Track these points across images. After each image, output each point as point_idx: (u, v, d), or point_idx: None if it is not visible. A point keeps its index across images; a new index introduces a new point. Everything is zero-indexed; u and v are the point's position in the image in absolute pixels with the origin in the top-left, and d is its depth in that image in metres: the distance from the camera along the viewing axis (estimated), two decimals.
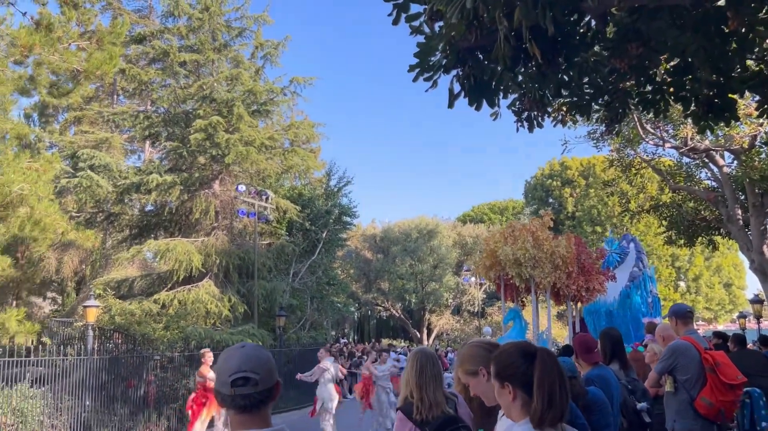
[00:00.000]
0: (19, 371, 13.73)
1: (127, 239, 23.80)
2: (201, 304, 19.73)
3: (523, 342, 2.67)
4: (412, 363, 3.80)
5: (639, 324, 19.26)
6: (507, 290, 16.58)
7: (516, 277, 15.17)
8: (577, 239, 16.31)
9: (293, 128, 24.48)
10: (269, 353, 2.24)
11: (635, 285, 19.81)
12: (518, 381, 2.52)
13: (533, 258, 14.81)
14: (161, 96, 22.60)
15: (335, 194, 29.67)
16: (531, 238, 15.10)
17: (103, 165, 22.13)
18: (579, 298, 16.41)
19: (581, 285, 15.73)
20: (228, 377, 2.08)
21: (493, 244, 15.57)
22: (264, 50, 23.61)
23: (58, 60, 13.69)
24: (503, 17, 3.42)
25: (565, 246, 15.15)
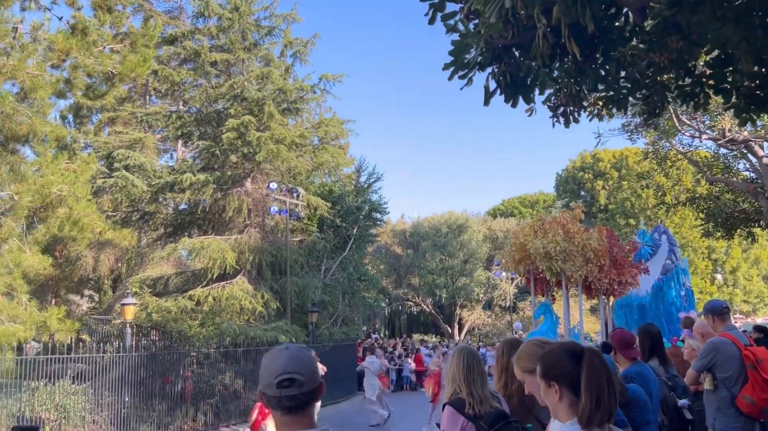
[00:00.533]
0: (60, 367, 14.09)
1: (161, 237, 24.18)
2: (235, 301, 19.95)
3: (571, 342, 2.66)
4: (458, 360, 3.81)
5: (672, 317, 18.89)
6: (537, 284, 16.39)
7: (546, 271, 14.97)
8: (609, 232, 16.05)
9: (323, 125, 24.58)
10: (312, 354, 2.26)
11: (668, 278, 19.40)
12: (565, 380, 2.51)
13: (564, 251, 14.58)
14: (193, 96, 22.86)
15: (365, 190, 29.73)
16: (562, 231, 14.86)
17: (138, 165, 22.47)
18: (611, 292, 16.12)
19: (613, 278, 15.44)
20: (274, 379, 2.10)
21: (523, 238, 15.37)
22: (293, 48, 23.73)
23: (94, 63, 13.90)
24: (541, 15, 3.40)
25: (597, 239, 14.87)
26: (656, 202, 23.94)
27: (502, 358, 4.08)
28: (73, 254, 24.75)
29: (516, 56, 4.48)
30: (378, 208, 30.42)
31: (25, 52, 12.71)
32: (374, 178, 30.34)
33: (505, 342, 4.24)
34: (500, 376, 4.04)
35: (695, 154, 19.12)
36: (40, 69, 12.81)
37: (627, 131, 17.33)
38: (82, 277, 27.46)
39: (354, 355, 24.41)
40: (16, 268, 12.69)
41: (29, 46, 12.98)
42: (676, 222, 39.18)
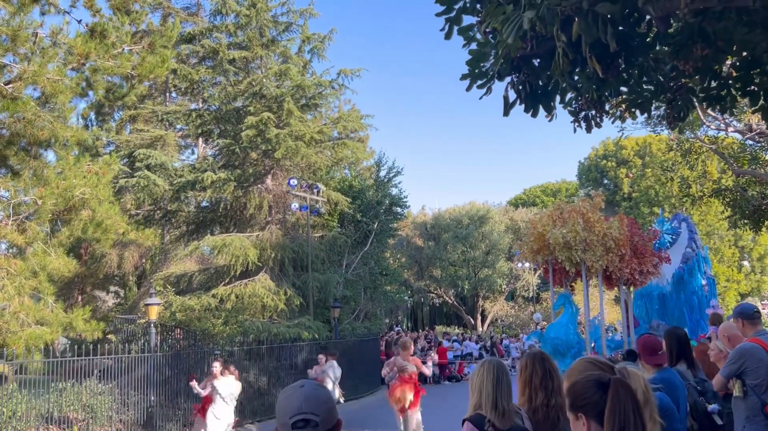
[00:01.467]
0: (86, 365, 14.29)
1: (184, 235, 24.39)
2: (257, 298, 20.08)
3: (598, 373, 2.60)
4: (487, 371, 3.76)
5: (694, 307, 18.50)
6: (555, 275, 15.92)
7: (566, 261, 14.47)
8: (629, 220, 15.59)
9: (342, 120, 24.57)
10: (329, 392, 2.23)
11: (689, 266, 18.96)
12: (591, 411, 2.48)
13: (584, 241, 14.18)
14: (212, 94, 22.95)
15: (385, 185, 29.67)
16: (582, 220, 14.43)
17: (159, 164, 22.64)
18: (632, 282, 15.72)
19: (634, 268, 15.05)
20: (288, 419, 2.07)
21: (542, 227, 14.88)
22: (311, 44, 23.68)
23: (113, 65, 13.99)
24: (561, 32, 3.33)
25: (618, 228, 14.43)
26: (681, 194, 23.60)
27: (526, 371, 4.03)
28: (98, 252, 25.09)
29: (535, 66, 4.41)
30: (398, 201, 30.38)
31: (45, 57, 12.80)
32: (394, 171, 30.26)
33: (529, 355, 4.19)
34: (524, 390, 4.00)
35: (721, 145, 18.77)
36: (60, 73, 12.91)
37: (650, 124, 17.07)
38: (107, 274, 27.86)
39: (377, 350, 24.47)
40: (42, 271, 12.88)
41: (49, 50, 13.08)
42: (701, 211, 38.63)
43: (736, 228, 20.22)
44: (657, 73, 4.85)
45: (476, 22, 3.96)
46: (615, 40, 3.23)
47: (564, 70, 3.59)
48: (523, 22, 3.17)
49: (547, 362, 4.05)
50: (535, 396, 3.93)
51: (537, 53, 4.02)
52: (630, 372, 3.41)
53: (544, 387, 3.95)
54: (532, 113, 4.52)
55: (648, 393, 3.66)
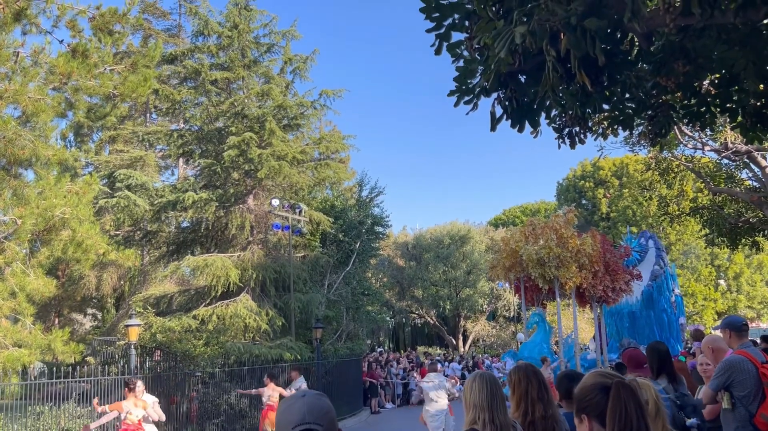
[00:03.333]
0: (64, 389, 14.04)
1: (164, 256, 24.15)
2: (239, 319, 19.89)
3: (603, 373, 2.61)
4: (480, 385, 3.73)
5: (663, 324, 18.41)
6: (528, 293, 15.63)
7: (539, 278, 14.21)
8: (602, 236, 15.42)
9: (324, 141, 24.65)
10: (329, 402, 2.22)
11: (658, 284, 18.92)
12: (593, 412, 2.49)
13: (558, 257, 13.87)
14: (194, 114, 22.91)
15: (367, 205, 29.70)
16: (555, 236, 14.19)
17: (140, 184, 22.52)
18: (605, 299, 15.46)
19: (608, 285, 14.82)
20: (291, 429, 2.06)
21: (514, 243, 14.65)
22: (293, 65, 23.80)
23: (95, 85, 13.95)
24: (550, 46, 3.40)
25: (591, 244, 14.25)
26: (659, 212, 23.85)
27: (521, 385, 4.02)
28: (76, 274, 24.75)
29: (522, 82, 4.48)
30: (380, 221, 30.40)
31: (26, 76, 12.74)
32: (376, 192, 30.33)
33: (522, 369, 4.18)
34: (519, 404, 3.98)
35: (698, 163, 19.06)
36: (41, 92, 12.84)
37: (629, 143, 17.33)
38: (84, 296, 27.49)
39: (359, 370, 24.31)
40: (21, 292, 12.67)
41: (30, 70, 13.02)
42: (678, 230, 39.13)
43: (714, 246, 20.48)
44: (639, 90, 4.95)
45: (465, 39, 4.03)
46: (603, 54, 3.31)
47: (554, 85, 3.66)
48: (516, 36, 3.24)
49: (540, 374, 4.06)
50: (532, 410, 3.92)
51: (524, 69, 4.09)
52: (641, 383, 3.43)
53: (540, 398, 3.94)
54: (519, 128, 4.58)
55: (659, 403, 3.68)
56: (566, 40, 3.30)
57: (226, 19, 22.87)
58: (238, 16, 22.60)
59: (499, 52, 3.34)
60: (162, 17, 32.09)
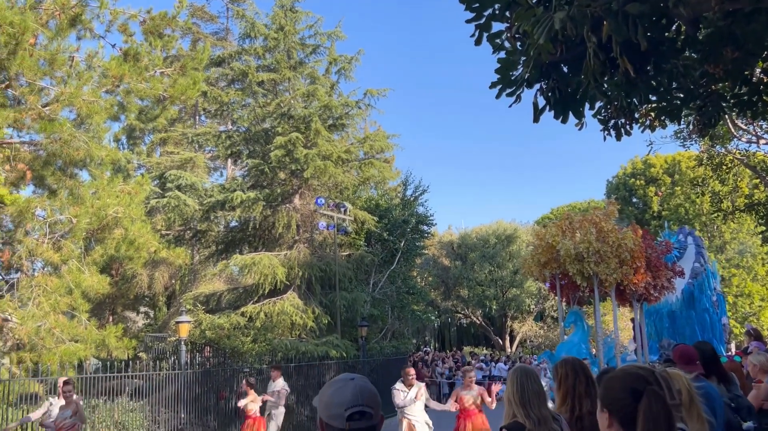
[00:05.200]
0: (117, 384, 14.44)
1: (213, 254, 24.65)
2: (286, 316, 20.16)
3: (636, 374, 2.56)
4: (512, 380, 3.77)
5: (705, 325, 17.49)
6: (564, 290, 14.90)
7: (577, 275, 13.45)
8: (644, 231, 14.69)
9: (368, 140, 24.76)
10: None
11: (699, 282, 18.11)
12: (617, 413, 2.45)
13: (597, 252, 13.15)
14: (241, 115, 23.32)
15: (412, 203, 29.70)
16: (594, 230, 13.45)
17: (189, 184, 23.02)
18: (646, 297, 14.62)
19: (649, 282, 14.01)
20: (344, 410, 2.06)
21: (551, 238, 13.88)
22: (338, 65, 24.00)
23: (146, 88, 14.32)
24: (591, 33, 3.37)
25: (632, 239, 13.47)
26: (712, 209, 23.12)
27: (568, 380, 3.99)
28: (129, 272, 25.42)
29: (564, 72, 4.44)
30: (425, 220, 30.35)
31: (81, 79, 13.16)
32: (420, 190, 30.31)
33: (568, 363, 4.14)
34: (565, 399, 3.96)
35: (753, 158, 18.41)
36: (95, 95, 13.24)
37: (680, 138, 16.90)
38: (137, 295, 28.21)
39: None
40: (77, 288, 13.08)
41: (85, 73, 13.44)
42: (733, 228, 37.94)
43: None
44: (686, 79, 4.84)
45: (505, 29, 4.02)
46: (646, 40, 3.26)
47: (595, 71, 3.62)
48: (555, 22, 3.22)
49: (587, 369, 4.02)
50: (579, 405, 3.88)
51: (566, 59, 4.06)
52: (671, 374, 3.36)
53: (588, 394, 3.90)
54: (562, 119, 4.54)
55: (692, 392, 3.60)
56: (608, 26, 3.27)
57: (272, 22, 23.21)
58: (283, 18, 22.91)
59: (538, 39, 3.32)
60: (210, 21, 32.73)
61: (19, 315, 12.05)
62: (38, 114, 12.44)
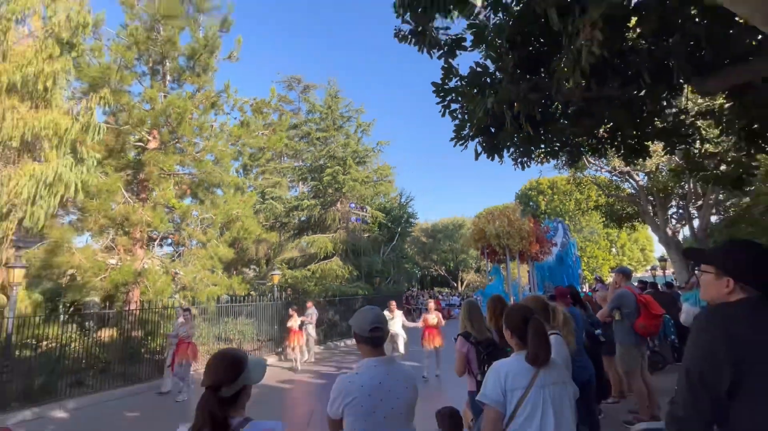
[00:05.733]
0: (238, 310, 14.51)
1: (292, 236, 24.55)
2: (333, 271, 20.15)
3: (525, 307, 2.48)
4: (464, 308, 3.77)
5: (570, 274, 17.39)
6: (489, 255, 15.11)
7: (497, 246, 13.85)
8: (534, 221, 15.01)
9: (379, 170, 24.67)
10: None
11: (566, 250, 18.06)
12: (516, 332, 2.38)
13: (508, 233, 13.55)
14: (307, 157, 23.30)
15: (404, 206, 29.58)
16: (507, 219, 13.91)
17: (278, 196, 23.02)
18: (536, 258, 15.02)
19: (537, 250, 14.40)
20: (368, 325, 2.12)
21: (481, 224, 14.26)
22: (361, 127, 23.94)
23: (253, 142, 14.36)
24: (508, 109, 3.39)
25: (528, 225, 13.94)
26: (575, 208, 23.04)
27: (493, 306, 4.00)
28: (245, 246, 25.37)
29: (492, 132, 4.45)
30: (412, 216, 30.14)
31: (217, 138, 13.21)
32: (409, 198, 30.10)
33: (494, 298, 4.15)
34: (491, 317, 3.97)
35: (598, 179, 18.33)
36: (225, 146, 13.29)
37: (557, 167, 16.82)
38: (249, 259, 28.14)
39: (401, 300, 24.27)
40: (215, 256, 13.13)
41: (219, 134, 13.49)
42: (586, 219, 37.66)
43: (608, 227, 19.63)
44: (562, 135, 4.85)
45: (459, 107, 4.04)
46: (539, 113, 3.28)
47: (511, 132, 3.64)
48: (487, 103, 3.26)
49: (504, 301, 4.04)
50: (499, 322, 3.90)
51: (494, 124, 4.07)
52: (554, 307, 3.38)
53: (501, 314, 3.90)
54: (491, 158, 4.55)
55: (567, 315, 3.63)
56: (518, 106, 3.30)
57: (324, 103, 23.16)
58: (331, 101, 22.88)
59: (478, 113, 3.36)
60: (289, 103, 32.55)
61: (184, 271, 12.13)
62: (193, 158, 12.49)
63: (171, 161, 12.00)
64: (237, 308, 14.11)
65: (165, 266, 11.98)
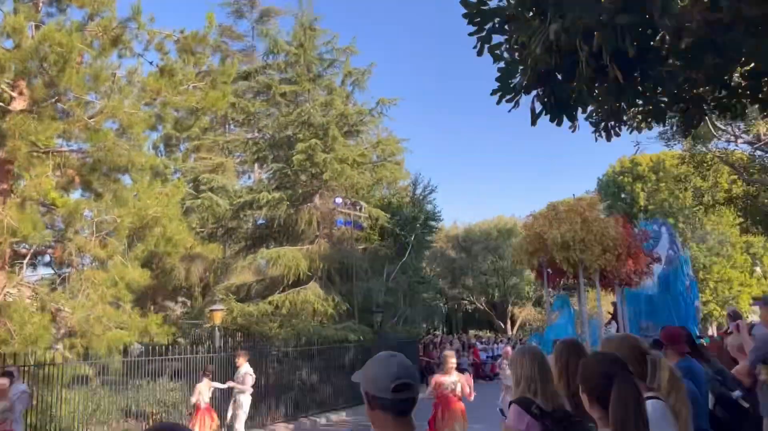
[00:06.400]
0: (158, 366, 14.53)
1: (243, 249, 24.73)
2: (309, 304, 20.22)
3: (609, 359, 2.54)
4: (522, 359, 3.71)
5: (680, 308, 17.22)
6: (551, 278, 14.33)
7: (563, 262, 12.94)
8: (624, 220, 14.21)
9: (381, 145, 24.74)
10: None
11: (674, 269, 17.55)
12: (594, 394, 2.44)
13: (582, 240, 12.69)
14: (266, 124, 23.38)
15: (421, 202, 29.62)
16: (579, 219, 13.00)
17: (220, 186, 23.10)
18: (627, 282, 14.17)
19: (630, 268, 13.58)
20: (390, 382, 2.07)
21: (538, 227, 13.40)
22: (352, 77, 24.00)
23: (180, 100, 14.34)
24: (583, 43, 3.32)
25: (614, 228, 13.07)
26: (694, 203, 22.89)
27: (561, 359, 3.93)
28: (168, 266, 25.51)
29: (558, 79, 4.39)
30: (433, 216, 30.25)
31: (122, 93, 13.21)
32: (429, 190, 30.21)
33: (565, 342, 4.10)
34: (560, 376, 3.91)
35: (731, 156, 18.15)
36: (135, 107, 13.28)
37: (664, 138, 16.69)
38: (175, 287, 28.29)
39: (416, 351, 24.32)
40: (121, 281, 13.14)
41: (125, 88, 13.48)
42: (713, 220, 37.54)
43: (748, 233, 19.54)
44: (670, 84, 4.77)
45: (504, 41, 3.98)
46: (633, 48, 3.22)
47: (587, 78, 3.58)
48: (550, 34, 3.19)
49: (582, 349, 3.96)
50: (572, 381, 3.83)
51: (560, 67, 4.01)
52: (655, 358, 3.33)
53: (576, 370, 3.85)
54: (557, 122, 4.49)
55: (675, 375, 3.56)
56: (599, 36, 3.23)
57: (293, 39, 23.23)
58: (303, 36, 22.93)
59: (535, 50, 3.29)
60: (237, 39, 32.71)
61: (71, 306, 12.14)
62: (85, 125, 12.49)
63: (49, 131, 12.00)
64: (156, 364, 14.10)
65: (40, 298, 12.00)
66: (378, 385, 2.11)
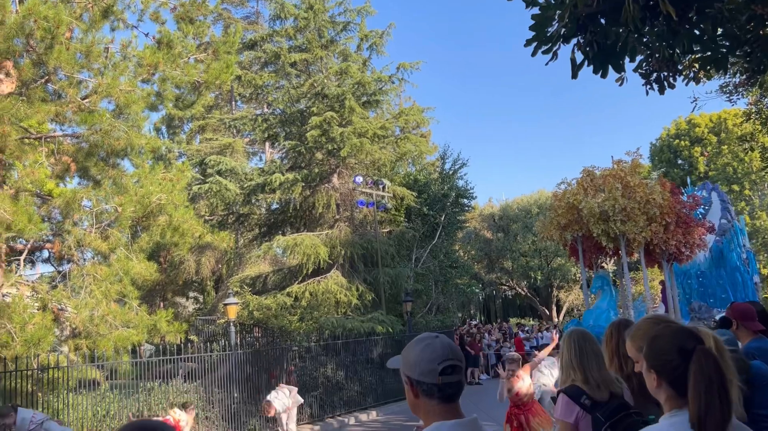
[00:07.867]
0: (172, 367, 14.79)
1: (257, 237, 24.97)
2: (331, 294, 20.33)
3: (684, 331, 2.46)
4: (569, 343, 3.69)
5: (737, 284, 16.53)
6: (586, 254, 13.70)
7: (602, 236, 12.28)
8: (671, 184, 13.24)
9: (403, 115, 24.60)
10: None
11: (727, 240, 16.84)
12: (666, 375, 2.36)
13: (624, 209, 12.01)
14: (276, 98, 23.40)
15: (451, 177, 29.49)
16: (620, 185, 12.24)
17: (229, 169, 23.24)
18: (677, 257, 13.27)
19: (680, 240, 12.69)
20: (437, 365, 2.04)
21: (571, 197, 12.62)
22: (369, 41, 23.84)
23: (180, 74, 14.39)
24: None
25: (661, 194, 12.22)
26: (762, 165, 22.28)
27: (611, 341, 3.90)
28: (176, 259, 25.94)
29: (602, 24, 4.27)
30: (465, 193, 30.12)
31: (117, 70, 13.27)
32: (459, 164, 30.06)
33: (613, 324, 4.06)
34: (612, 359, 3.88)
35: None
36: (131, 85, 13.35)
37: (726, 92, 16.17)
38: (186, 280, 28.82)
39: None
40: (126, 276, 13.32)
41: (120, 64, 13.55)
42: None
43: None
44: (732, 24, 4.61)
45: None
46: None
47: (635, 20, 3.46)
48: None
49: None
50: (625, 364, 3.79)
51: (603, 9, 3.90)
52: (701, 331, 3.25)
53: None
54: (602, 74, 4.38)
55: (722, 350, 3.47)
56: None
57: (302, 1, 23.13)
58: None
59: None
60: (240, 5, 32.83)
61: (73, 304, 12.34)
62: (78, 106, 12.62)
63: (40, 114, 12.15)
64: (169, 365, 14.34)
65: (41, 297, 12.22)
66: (422, 369, 2.08)
